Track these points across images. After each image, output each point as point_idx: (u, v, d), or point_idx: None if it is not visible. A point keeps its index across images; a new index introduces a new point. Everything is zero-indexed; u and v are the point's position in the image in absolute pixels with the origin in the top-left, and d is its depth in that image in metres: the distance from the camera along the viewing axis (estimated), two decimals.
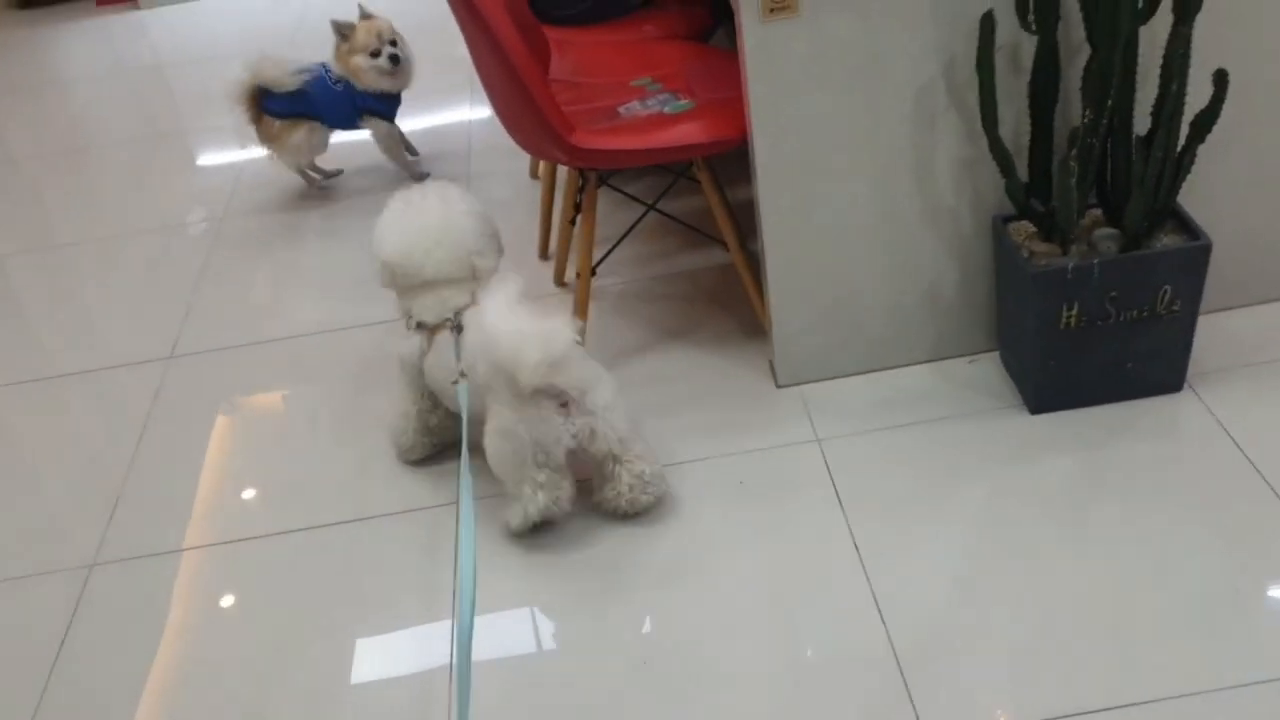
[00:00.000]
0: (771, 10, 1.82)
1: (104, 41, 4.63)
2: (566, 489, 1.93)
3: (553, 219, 2.73)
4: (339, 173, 3.32)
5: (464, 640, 1.44)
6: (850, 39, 1.87)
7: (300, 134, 3.04)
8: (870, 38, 1.87)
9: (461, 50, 2.23)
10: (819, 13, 1.84)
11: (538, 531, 2.00)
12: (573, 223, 2.55)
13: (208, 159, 3.65)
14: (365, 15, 3.00)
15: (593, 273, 2.27)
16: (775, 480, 2.04)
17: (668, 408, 2.26)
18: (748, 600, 1.83)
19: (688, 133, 2.08)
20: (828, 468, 2.04)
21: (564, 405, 1.85)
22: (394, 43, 2.99)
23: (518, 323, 1.75)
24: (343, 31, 2.97)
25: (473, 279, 2.00)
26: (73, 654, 1.94)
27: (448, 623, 1.88)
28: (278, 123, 3.02)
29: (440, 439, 2.18)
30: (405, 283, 2.01)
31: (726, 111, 2.11)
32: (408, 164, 3.23)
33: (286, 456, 2.31)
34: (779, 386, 2.24)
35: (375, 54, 2.95)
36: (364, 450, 2.27)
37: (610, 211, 2.83)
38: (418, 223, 1.96)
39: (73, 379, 2.66)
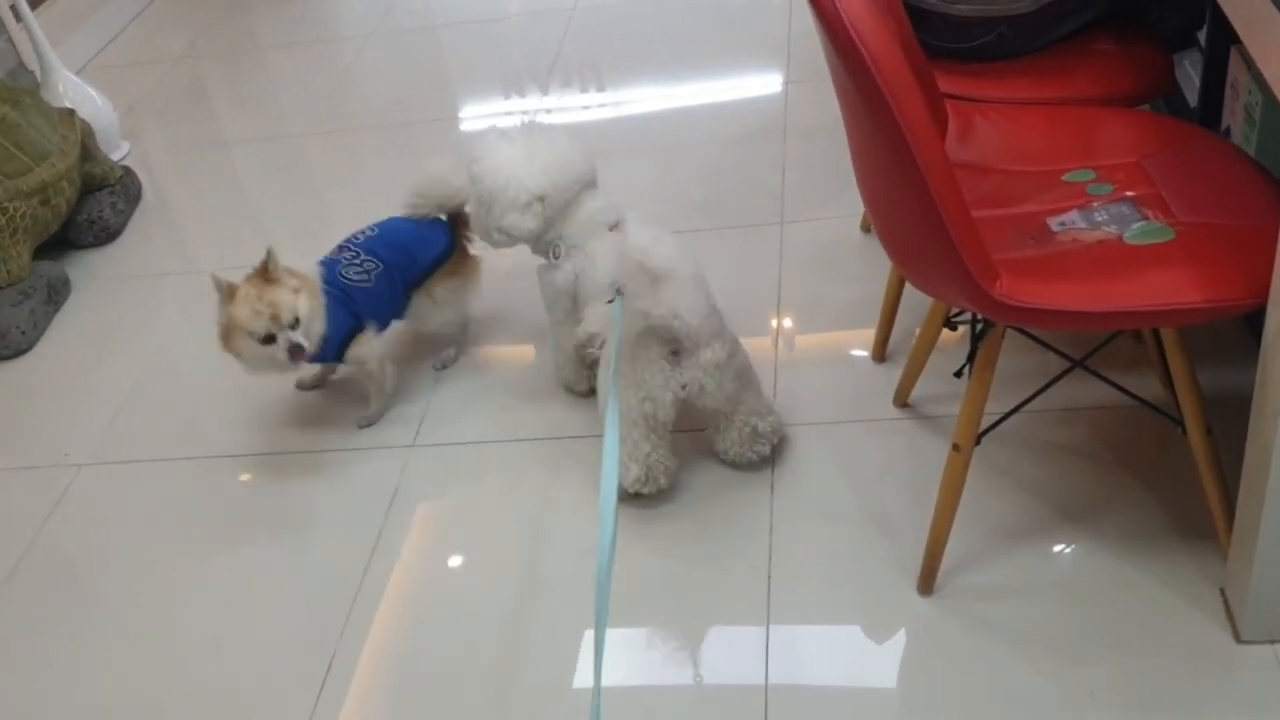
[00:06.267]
0: None
1: None
2: (665, 460, 1.86)
3: (897, 314, 2.07)
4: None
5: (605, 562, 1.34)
6: None
7: None
8: None
9: None
10: None
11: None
12: (936, 334, 1.89)
13: None
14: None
15: (977, 442, 1.61)
16: None
17: (1060, 638, 1.59)
18: None
19: (1169, 288, 1.37)
20: None
21: (675, 354, 1.77)
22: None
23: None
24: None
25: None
26: None
27: None
28: None
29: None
30: (556, 210, 1.94)
31: (1228, 252, 1.39)
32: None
33: None
34: (1240, 641, 1.54)
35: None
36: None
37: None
38: (542, 147, 1.93)
39: None
